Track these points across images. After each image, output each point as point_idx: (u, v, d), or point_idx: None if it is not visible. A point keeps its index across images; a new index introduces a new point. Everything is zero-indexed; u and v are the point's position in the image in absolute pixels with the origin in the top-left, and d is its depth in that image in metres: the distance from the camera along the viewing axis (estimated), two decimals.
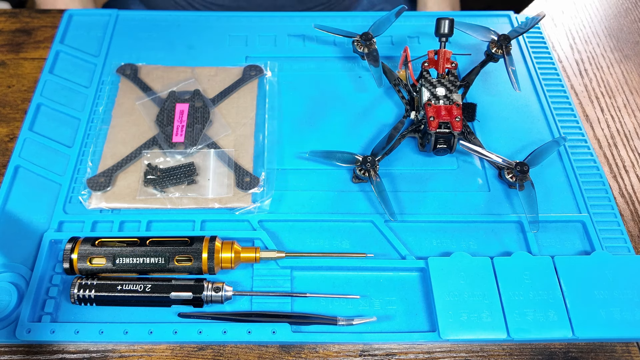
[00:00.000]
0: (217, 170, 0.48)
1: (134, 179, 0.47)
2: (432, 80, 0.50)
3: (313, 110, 0.54)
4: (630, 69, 0.62)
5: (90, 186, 0.46)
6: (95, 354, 0.40)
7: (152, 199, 0.46)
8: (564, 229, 0.46)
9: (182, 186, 0.47)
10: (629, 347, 0.42)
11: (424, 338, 0.40)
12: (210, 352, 0.41)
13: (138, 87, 0.54)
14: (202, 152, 0.49)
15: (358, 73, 0.57)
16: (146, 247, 0.41)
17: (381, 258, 0.44)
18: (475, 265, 0.42)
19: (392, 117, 0.54)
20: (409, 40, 0.60)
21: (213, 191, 0.47)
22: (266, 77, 0.56)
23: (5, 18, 0.64)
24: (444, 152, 0.49)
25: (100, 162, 0.48)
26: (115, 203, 0.46)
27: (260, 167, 0.49)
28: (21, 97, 0.56)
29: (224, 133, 0.51)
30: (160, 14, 0.62)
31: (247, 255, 0.42)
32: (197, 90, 0.53)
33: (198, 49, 0.59)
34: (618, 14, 0.68)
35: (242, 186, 0.47)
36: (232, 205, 0.46)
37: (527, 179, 0.46)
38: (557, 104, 0.55)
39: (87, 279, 0.41)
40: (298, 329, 0.41)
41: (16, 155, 0.50)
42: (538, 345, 0.42)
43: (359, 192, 0.48)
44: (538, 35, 0.62)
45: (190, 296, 0.40)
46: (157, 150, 0.49)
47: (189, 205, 0.46)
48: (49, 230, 0.45)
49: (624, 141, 0.55)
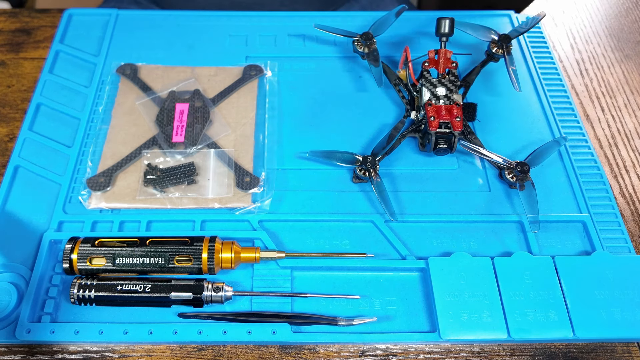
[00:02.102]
0: (217, 170, 0.48)
1: (133, 179, 0.47)
2: (432, 80, 0.50)
3: (313, 110, 0.54)
4: (630, 69, 0.62)
5: (90, 186, 0.46)
6: (95, 354, 0.40)
7: (152, 199, 0.46)
8: (564, 229, 0.46)
9: (182, 186, 0.47)
10: (629, 347, 0.42)
11: (424, 338, 0.40)
12: (210, 352, 0.41)
13: (138, 87, 0.54)
14: (202, 152, 0.49)
15: (358, 73, 0.57)
16: (146, 247, 0.41)
17: (381, 258, 0.44)
18: (475, 265, 0.42)
19: (393, 117, 0.54)
20: (409, 40, 0.60)
21: (213, 191, 0.47)
22: (266, 77, 0.56)
23: (5, 18, 0.64)
24: (444, 152, 0.49)
25: (100, 162, 0.48)
26: (115, 203, 0.46)
27: (260, 167, 0.49)
28: (21, 97, 0.56)
29: (224, 133, 0.51)
30: (160, 13, 0.62)
31: (247, 255, 0.42)
32: (197, 90, 0.53)
33: (198, 49, 0.59)
34: (619, 14, 0.68)
35: (242, 186, 0.47)
36: (232, 205, 0.46)
37: (527, 179, 0.46)
38: (557, 103, 0.55)
39: (87, 279, 0.41)
40: (298, 329, 0.41)
41: (16, 155, 0.50)
42: (538, 345, 0.42)
43: (359, 192, 0.48)
44: (539, 35, 0.62)
45: (190, 296, 0.40)
46: (157, 150, 0.49)
47: (189, 205, 0.46)
48: (49, 230, 0.45)
49: (625, 141, 0.55)
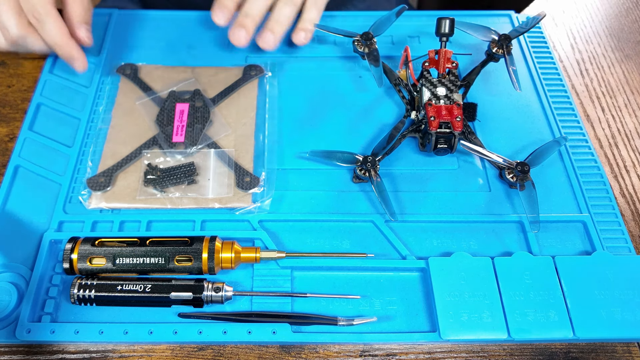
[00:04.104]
0: (217, 170, 0.48)
1: (134, 179, 0.47)
2: (432, 80, 0.50)
3: (313, 110, 0.54)
4: (631, 69, 0.62)
5: (90, 186, 0.46)
6: (95, 354, 0.40)
7: (152, 199, 0.46)
8: (564, 229, 0.46)
9: (182, 186, 0.47)
10: (629, 348, 0.42)
11: (424, 338, 0.40)
12: (210, 352, 0.41)
13: (138, 86, 0.54)
14: (202, 152, 0.49)
15: (358, 73, 0.57)
16: (146, 247, 0.41)
17: (381, 258, 0.44)
18: (475, 265, 0.42)
19: (393, 117, 0.54)
20: (410, 40, 0.60)
21: (213, 191, 0.47)
22: (266, 77, 0.56)
23: None
24: (444, 152, 0.49)
25: (100, 162, 0.48)
26: (115, 203, 0.46)
27: (260, 167, 0.49)
28: (21, 97, 0.56)
29: (224, 133, 0.51)
30: (161, 13, 0.62)
31: (247, 255, 0.42)
32: (197, 90, 0.53)
33: (198, 49, 0.59)
34: (619, 14, 0.68)
35: (243, 186, 0.47)
36: (233, 205, 0.46)
37: (527, 179, 0.46)
38: (557, 103, 0.55)
39: (87, 279, 0.41)
40: (298, 329, 0.41)
41: (16, 155, 0.50)
42: (539, 345, 0.42)
43: (360, 192, 0.48)
44: (539, 35, 0.62)
45: (191, 296, 0.40)
46: (157, 150, 0.49)
47: (189, 205, 0.46)
48: (49, 230, 0.45)
49: (625, 141, 0.55)
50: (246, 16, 0.53)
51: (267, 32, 0.54)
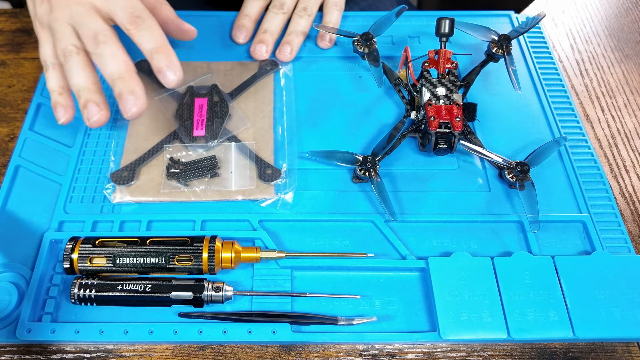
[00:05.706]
0: (238, 163, 0.48)
1: (157, 172, 0.48)
2: (432, 80, 0.50)
3: (313, 110, 0.54)
4: (630, 69, 0.62)
5: (114, 180, 0.47)
6: (96, 353, 0.40)
7: (176, 192, 0.47)
8: (564, 229, 0.46)
9: (205, 179, 0.47)
10: (629, 347, 0.42)
11: (424, 338, 0.40)
12: (210, 352, 0.41)
13: (155, 83, 0.53)
14: (223, 145, 0.49)
15: (358, 73, 0.57)
16: (146, 247, 0.41)
17: (381, 258, 0.44)
18: (475, 265, 0.42)
19: (393, 117, 0.54)
20: (410, 40, 0.60)
21: (236, 184, 0.47)
22: (281, 72, 0.56)
23: (5, 18, 0.64)
24: (444, 152, 0.49)
25: (122, 156, 0.49)
26: (140, 197, 0.46)
27: (281, 159, 0.49)
28: (21, 97, 0.56)
29: (243, 126, 0.51)
30: None
31: (247, 255, 0.42)
32: (215, 84, 0.53)
33: (198, 49, 0.59)
34: (619, 14, 0.68)
35: (265, 178, 0.47)
36: (256, 197, 0.46)
37: (527, 179, 0.46)
38: (557, 103, 0.55)
39: (88, 278, 0.41)
40: (298, 329, 0.41)
41: (16, 155, 0.50)
42: (538, 345, 0.42)
43: (360, 192, 0.48)
44: (538, 35, 0.62)
45: (191, 296, 0.40)
46: (178, 144, 0.49)
47: (213, 198, 0.46)
48: (49, 230, 0.45)
49: (625, 141, 0.55)
50: (265, 32, 0.57)
51: (285, 45, 0.57)
